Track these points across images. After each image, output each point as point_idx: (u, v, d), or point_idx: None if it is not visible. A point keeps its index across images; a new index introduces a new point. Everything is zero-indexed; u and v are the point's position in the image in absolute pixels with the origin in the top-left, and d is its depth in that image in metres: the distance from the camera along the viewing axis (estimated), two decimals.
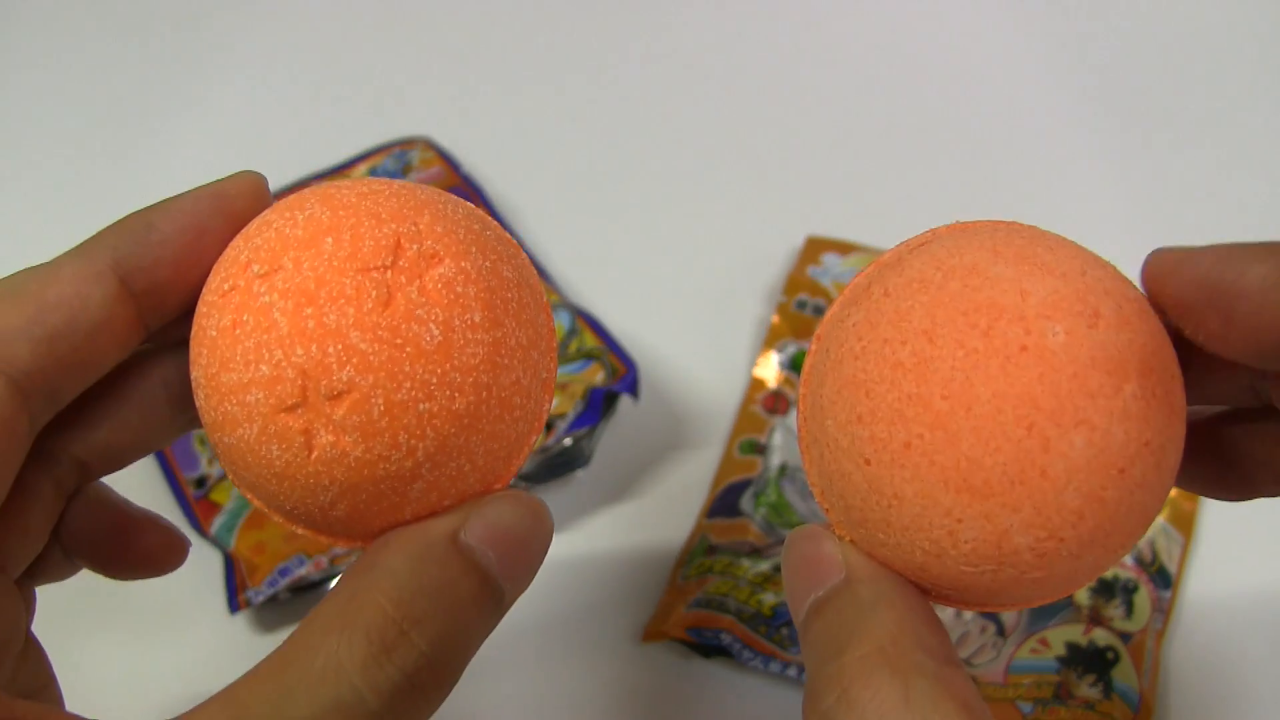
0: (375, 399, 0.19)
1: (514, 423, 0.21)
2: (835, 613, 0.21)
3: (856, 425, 0.20)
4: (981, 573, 0.20)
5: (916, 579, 0.21)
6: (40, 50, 0.58)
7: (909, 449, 0.19)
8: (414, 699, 0.20)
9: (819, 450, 0.21)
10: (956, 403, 0.19)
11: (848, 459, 0.20)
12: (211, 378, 0.21)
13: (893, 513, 0.20)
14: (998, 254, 0.20)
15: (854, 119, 0.53)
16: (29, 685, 0.24)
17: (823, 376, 0.21)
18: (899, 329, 0.20)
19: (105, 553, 0.26)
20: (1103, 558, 0.20)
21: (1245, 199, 0.49)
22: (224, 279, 0.21)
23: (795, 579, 0.22)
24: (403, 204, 0.21)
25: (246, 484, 0.22)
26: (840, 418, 0.21)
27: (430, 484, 0.21)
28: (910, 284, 0.21)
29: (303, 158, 0.50)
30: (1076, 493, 0.19)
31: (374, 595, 0.19)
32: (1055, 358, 0.19)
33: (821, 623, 0.21)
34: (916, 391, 0.19)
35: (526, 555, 0.21)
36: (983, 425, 0.19)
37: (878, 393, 0.20)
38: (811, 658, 0.21)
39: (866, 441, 0.20)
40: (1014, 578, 0.20)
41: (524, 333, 0.21)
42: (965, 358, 0.19)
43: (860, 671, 0.19)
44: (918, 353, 0.20)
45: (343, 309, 0.20)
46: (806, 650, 0.21)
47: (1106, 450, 0.19)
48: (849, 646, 0.20)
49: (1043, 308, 0.19)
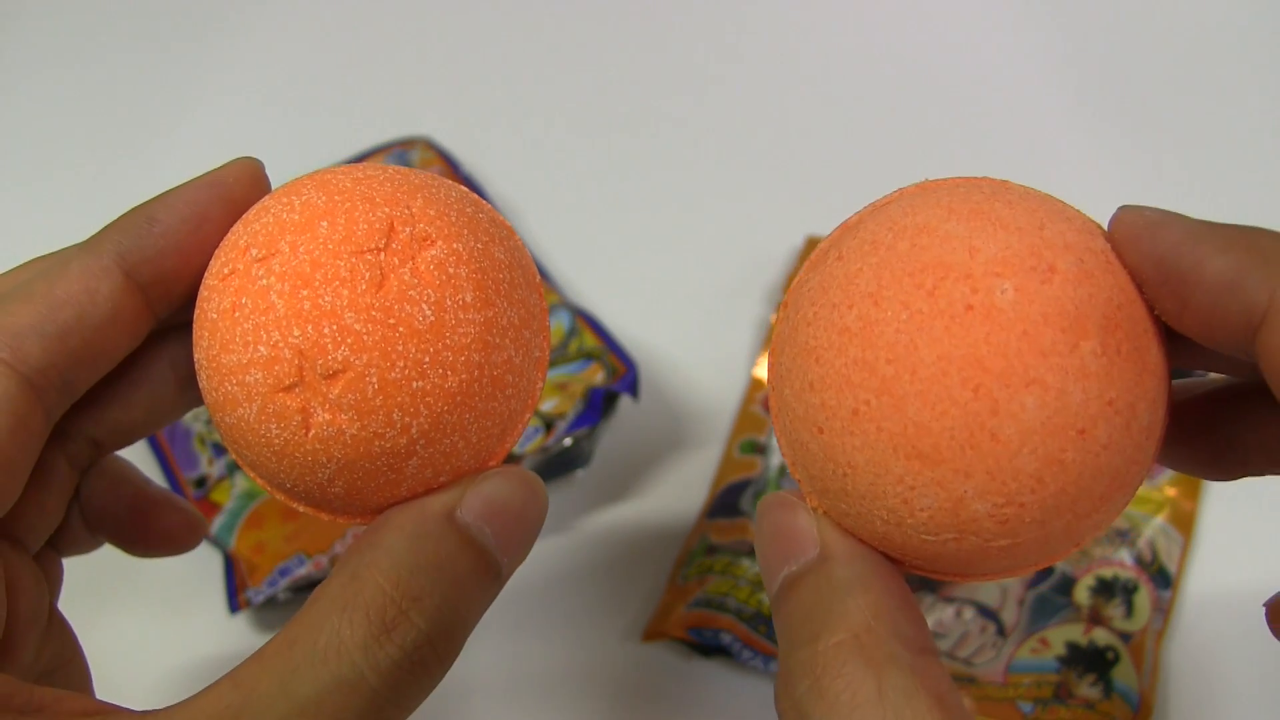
0: (370, 378, 0.20)
1: (507, 400, 0.22)
2: (810, 591, 0.20)
3: (809, 393, 0.20)
4: (943, 541, 0.19)
5: (883, 549, 0.21)
6: (43, 51, 0.59)
7: (857, 416, 0.19)
8: (415, 675, 0.20)
9: (784, 419, 0.21)
10: (901, 366, 0.19)
11: (804, 427, 0.20)
12: (213, 359, 0.21)
13: (848, 481, 0.20)
14: (951, 211, 0.20)
15: (854, 119, 0.53)
16: (53, 662, 0.25)
17: (783, 343, 0.21)
18: (847, 293, 0.20)
19: (125, 529, 0.27)
20: (1075, 524, 0.20)
21: (1243, 192, 0.49)
22: (224, 263, 0.22)
23: (768, 550, 0.22)
24: (396, 188, 0.22)
25: (248, 462, 0.22)
26: (795, 385, 0.20)
27: (425, 461, 0.21)
28: (862, 246, 0.20)
29: (303, 157, 0.50)
30: (1032, 456, 0.18)
31: (373, 574, 0.20)
32: (1003, 315, 0.19)
33: (795, 602, 0.20)
34: (862, 356, 0.19)
35: (522, 529, 0.22)
36: (928, 389, 0.19)
37: (826, 359, 0.20)
38: (784, 638, 0.20)
39: (818, 409, 0.20)
40: (979, 546, 0.19)
41: (516, 312, 0.22)
42: (909, 320, 0.19)
43: (834, 660, 0.19)
44: (863, 316, 0.19)
45: (337, 291, 0.20)
46: (779, 628, 0.21)
47: (1063, 411, 0.18)
48: (823, 632, 0.19)
49: (991, 264, 0.19)
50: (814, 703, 0.19)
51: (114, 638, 0.36)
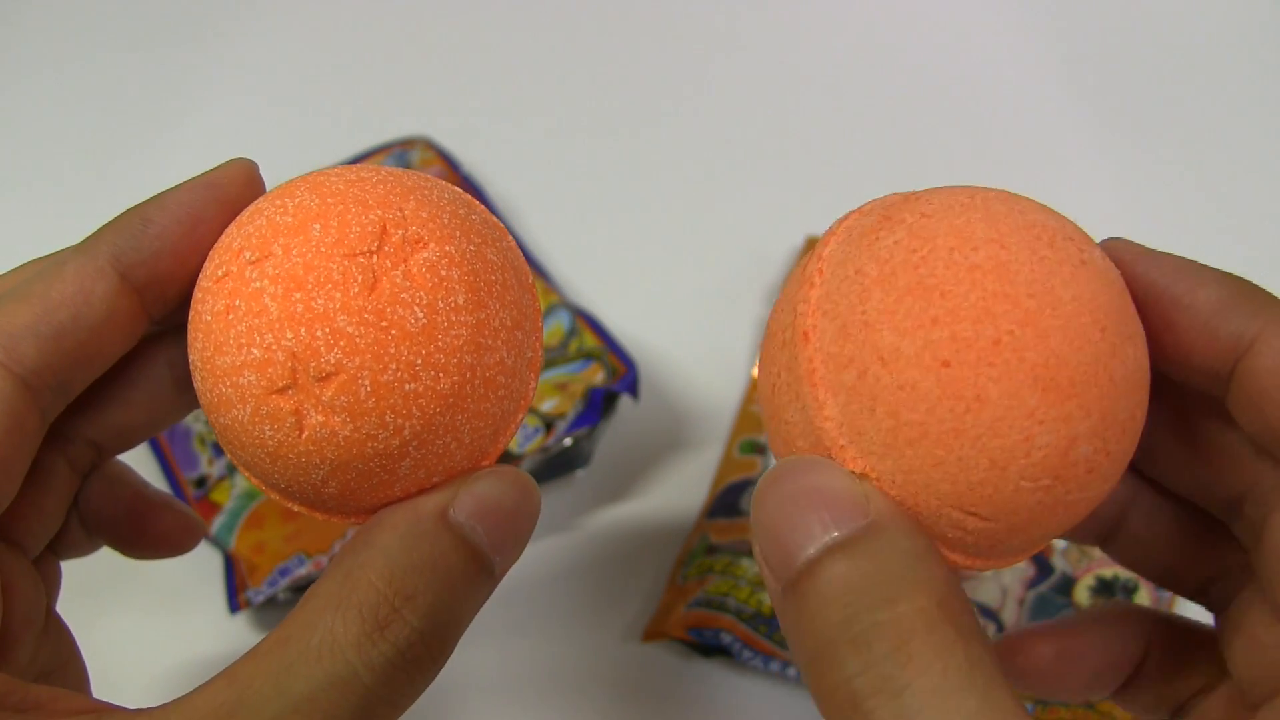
0: (362, 380, 0.20)
1: (499, 401, 0.22)
2: (870, 558, 0.19)
3: (932, 328, 0.19)
4: (1035, 489, 0.19)
5: (947, 507, 0.20)
6: (43, 53, 0.59)
7: (999, 345, 0.19)
8: (408, 673, 0.20)
9: (856, 372, 0.20)
10: (1043, 301, 0.19)
11: (916, 366, 0.19)
12: (207, 361, 0.21)
13: (969, 418, 0.19)
14: (999, 195, 0.21)
15: (854, 119, 0.53)
16: (50, 662, 0.25)
17: (859, 296, 0.20)
18: (965, 238, 0.20)
19: (123, 532, 0.27)
20: (1101, 493, 0.20)
21: (1243, 193, 0.49)
22: (218, 265, 0.22)
23: (799, 512, 0.19)
24: (389, 190, 0.22)
25: (243, 463, 0.22)
26: (906, 324, 0.20)
27: (418, 462, 0.21)
28: (951, 207, 0.21)
29: (303, 157, 0.49)
30: (1126, 404, 0.20)
31: (367, 573, 0.20)
32: (1107, 274, 0.20)
33: (849, 566, 0.19)
34: (1001, 290, 0.19)
35: (515, 528, 0.22)
36: (1067, 325, 0.19)
37: (956, 293, 0.19)
38: (840, 605, 0.18)
39: (946, 343, 0.19)
40: (1053, 500, 0.20)
41: (508, 314, 0.22)
42: (1040, 263, 0.20)
43: (922, 625, 0.18)
44: (993, 257, 0.20)
45: (330, 294, 0.20)
46: (817, 598, 0.18)
47: (1141, 370, 0.20)
48: (901, 596, 0.18)
49: (1075, 233, 0.20)
50: (900, 667, 0.17)
51: (114, 637, 0.36)
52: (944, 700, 0.17)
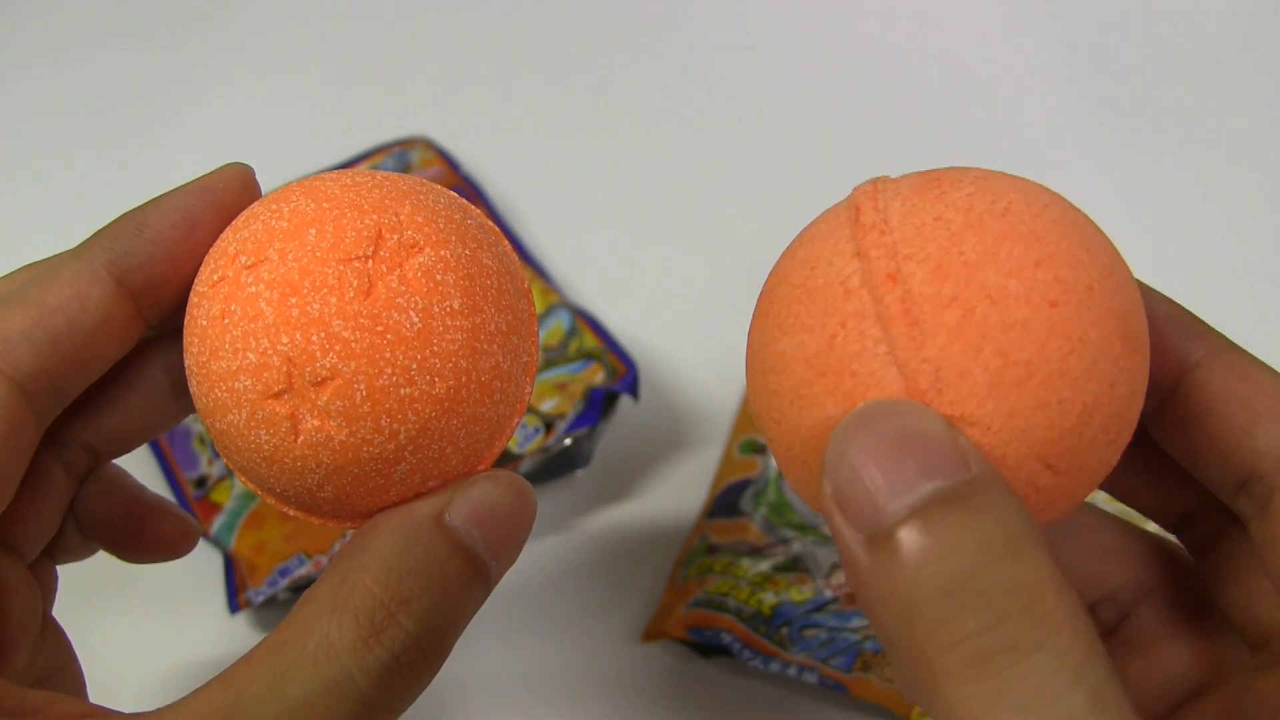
0: (358, 385, 0.20)
1: (494, 406, 0.22)
2: (987, 512, 0.17)
3: (1036, 270, 0.19)
4: (1105, 443, 0.20)
5: (1031, 460, 0.19)
6: (42, 53, 0.59)
7: (1092, 292, 0.19)
8: (403, 678, 0.20)
9: (961, 311, 0.19)
10: (1112, 259, 0.20)
11: (1026, 304, 0.19)
12: (202, 365, 0.21)
13: (1073, 359, 0.19)
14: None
15: (854, 119, 0.53)
16: (47, 667, 0.25)
17: (950, 239, 0.20)
18: (1033, 196, 0.20)
19: (120, 536, 0.27)
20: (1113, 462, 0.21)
21: (1242, 195, 0.49)
22: (213, 270, 0.22)
23: (894, 457, 0.18)
24: (384, 195, 0.22)
25: (238, 467, 0.22)
26: (1010, 265, 0.19)
27: (414, 466, 0.21)
28: (992, 174, 0.21)
29: (303, 158, 0.50)
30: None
31: (363, 578, 0.20)
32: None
33: (965, 518, 0.17)
34: (1081, 243, 0.20)
35: (511, 532, 0.22)
36: (1129, 282, 0.20)
37: (1049, 240, 0.19)
38: (950, 558, 0.17)
39: (1052, 284, 0.19)
40: (1109, 458, 0.20)
41: (503, 318, 0.22)
42: (1091, 224, 0.21)
43: (1051, 586, 0.17)
44: (1065, 214, 0.20)
45: (325, 298, 0.20)
46: (924, 551, 0.17)
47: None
48: (1026, 554, 0.17)
49: None
50: (1034, 625, 0.16)
51: (114, 638, 0.36)
52: (1077, 663, 0.16)
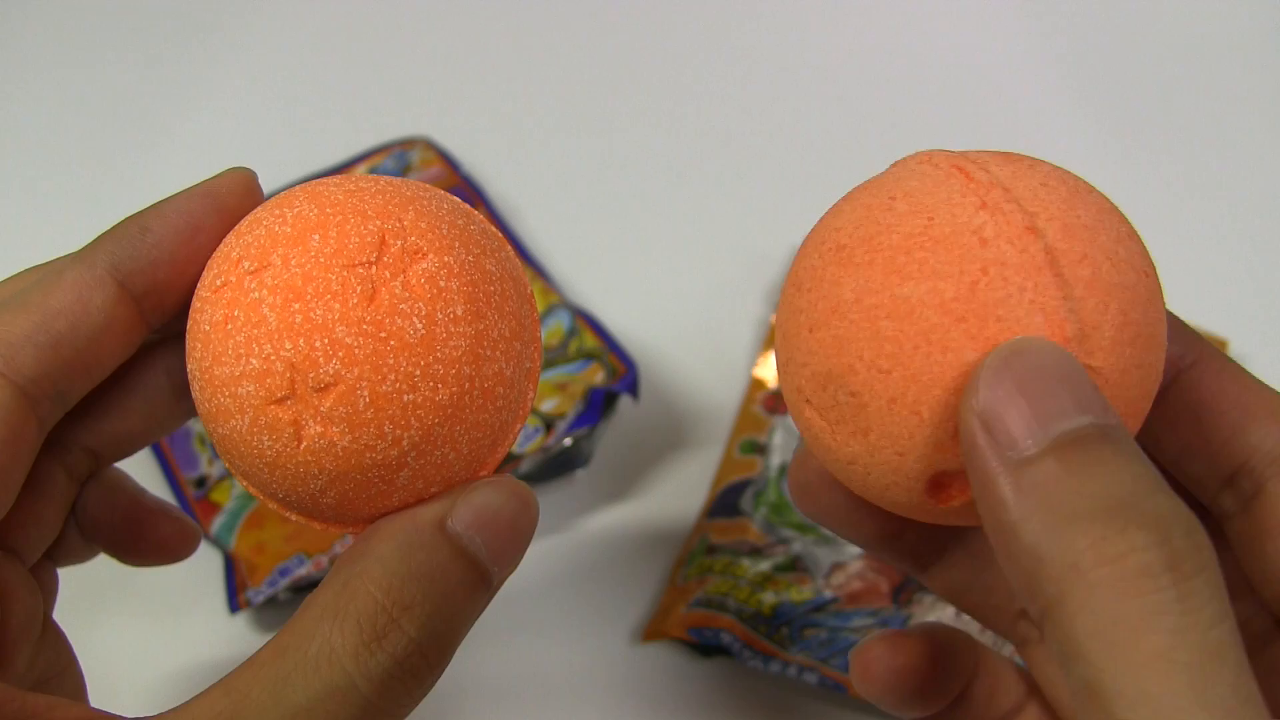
0: (361, 391, 0.20)
1: (497, 412, 0.22)
2: (1137, 453, 0.18)
3: (1130, 241, 0.21)
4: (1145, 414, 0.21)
5: (1124, 418, 0.20)
6: (42, 54, 0.58)
7: (1154, 271, 0.21)
8: (405, 683, 0.20)
9: (1090, 270, 0.20)
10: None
11: (1132, 269, 0.20)
12: (205, 371, 0.21)
13: (1159, 328, 0.20)
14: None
15: (854, 119, 0.53)
16: (48, 670, 0.25)
17: (1068, 202, 0.21)
18: (1080, 182, 0.22)
19: (120, 539, 0.27)
20: None
21: (1242, 194, 0.49)
22: (216, 275, 0.22)
23: (1054, 385, 0.18)
24: (388, 200, 0.22)
25: (240, 472, 0.22)
26: (1118, 232, 0.21)
27: (416, 472, 0.21)
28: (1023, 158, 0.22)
29: (303, 158, 0.50)
30: None
31: (365, 583, 0.20)
32: None
33: (1119, 449, 0.18)
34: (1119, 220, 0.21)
35: (513, 538, 0.22)
36: None
37: (1122, 217, 0.21)
38: (1114, 481, 0.17)
39: (1141, 256, 0.21)
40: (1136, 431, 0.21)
41: (506, 324, 0.22)
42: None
43: (1197, 521, 0.17)
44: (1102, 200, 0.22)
45: (329, 304, 0.20)
46: (1087, 469, 0.17)
47: None
48: (1170, 493, 0.17)
49: None
50: (1194, 551, 0.17)
51: (114, 638, 0.36)
52: (1225, 599, 0.17)
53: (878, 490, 0.21)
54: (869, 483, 0.21)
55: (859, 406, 0.21)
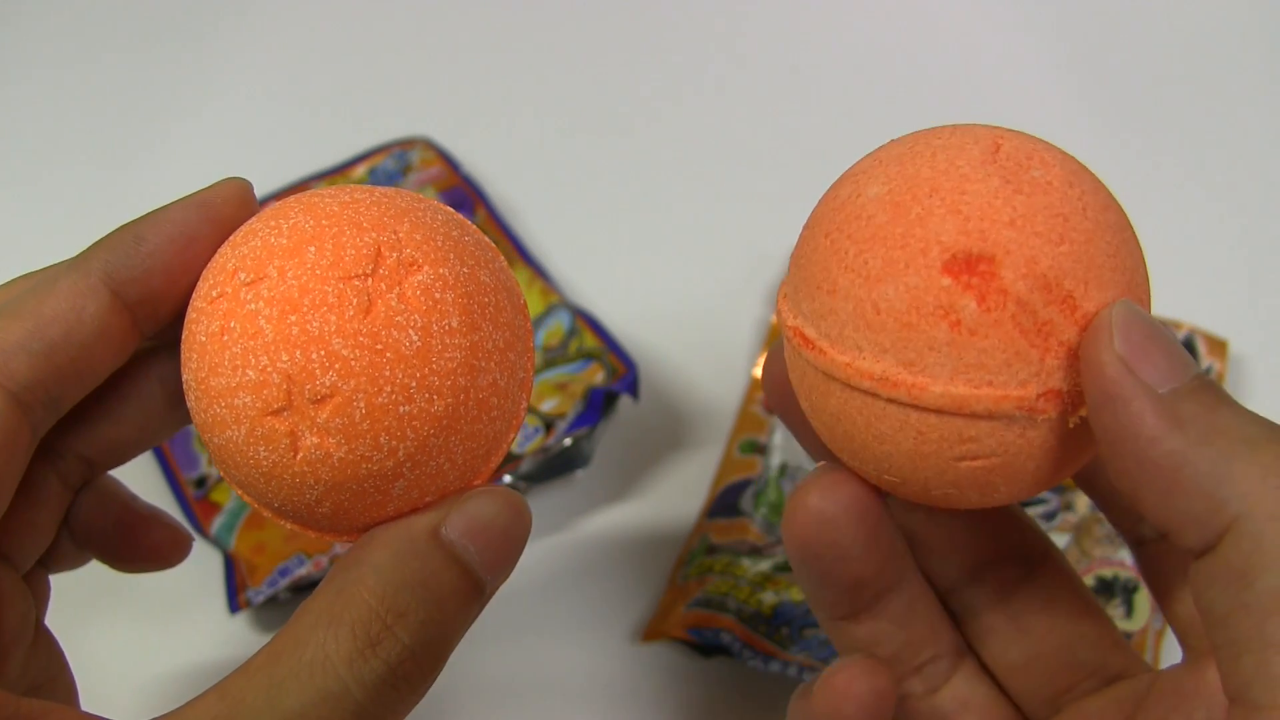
0: (357, 403, 0.20)
1: (491, 422, 0.22)
2: (1234, 406, 0.19)
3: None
4: None
5: None
6: (40, 55, 0.58)
7: None
8: (398, 689, 0.20)
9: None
10: None
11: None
12: (201, 381, 0.21)
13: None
14: None
15: (854, 119, 0.53)
16: (39, 677, 0.25)
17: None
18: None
19: (112, 546, 0.28)
20: None
21: (1242, 194, 0.49)
22: (212, 286, 0.22)
23: (1164, 348, 0.19)
24: (383, 212, 0.22)
25: (236, 481, 0.23)
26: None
27: (411, 482, 0.22)
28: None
29: (303, 158, 0.50)
30: None
31: (359, 590, 0.20)
32: None
33: (1227, 395, 0.19)
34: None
35: (506, 547, 0.22)
36: None
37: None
38: (1246, 412, 0.19)
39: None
40: None
41: (500, 335, 0.22)
42: None
43: None
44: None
45: (325, 316, 0.20)
46: (1230, 402, 0.19)
47: None
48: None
49: None
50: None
51: (114, 638, 0.36)
52: None
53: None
54: None
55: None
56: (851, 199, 0.22)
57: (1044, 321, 0.20)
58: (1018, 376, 0.20)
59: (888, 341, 0.20)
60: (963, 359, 0.20)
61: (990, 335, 0.20)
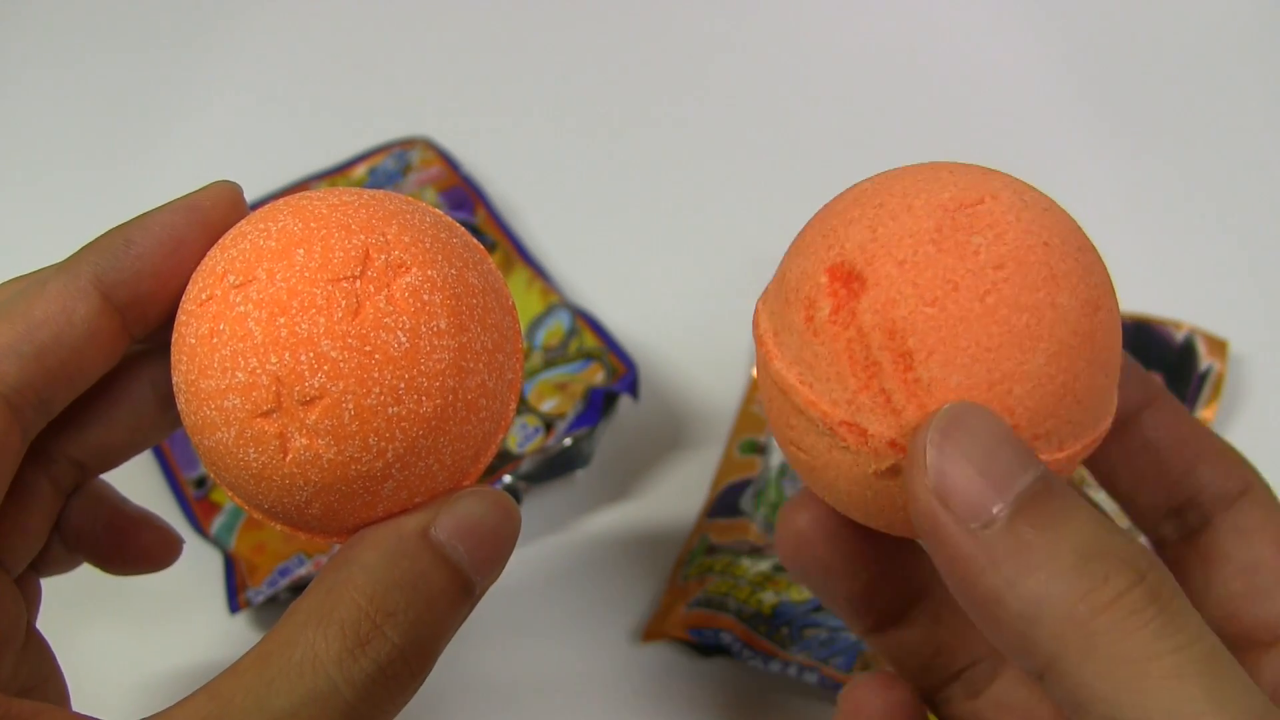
0: (346, 404, 0.20)
1: (480, 423, 0.22)
2: (1072, 494, 0.20)
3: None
4: None
5: None
6: (37, 55, 0.58)
7: None
8: (388, 689, 0.21)
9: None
10: None
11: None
12: (191, 383, 0.22)
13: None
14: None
15: (853, 119, 0.53)
16: (30, 680, 0.25)
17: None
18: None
19: (103, 549, 0.28)
20: None
21: (1243, 194, 0.49)
22: (202, 289, 0.22)
23: (993, 452, 0.19)
24: (372, 215, 0.22)
25: (226, 483, 0.23)
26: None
27: (401, 483, 0.22)
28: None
29: (303, 158, 0.50)
30: None
31: (348, 590, 0.21)
32: None
33: (1063, 500, 0.19)
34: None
35: (495, 548, 0.22)
36: None
37: None
38: (1076, 529, 0.19)
39: None
40: None
41: (489, 337, 0.22)
42: None
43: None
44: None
45: (314, 319, 0.21)
46: (1052, 524, 0.19)
47: None
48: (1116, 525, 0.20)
49: None
50: (1167, 577, 0.18)
51: (114, 638, 0.36)
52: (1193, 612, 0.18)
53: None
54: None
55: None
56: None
57: (872, 361, 0.20)
58: (831, 394, 0.21)
59: (777, 309, 0.22)
60: (802, 352, 0.21)
61: (827, 345, 0.21)
